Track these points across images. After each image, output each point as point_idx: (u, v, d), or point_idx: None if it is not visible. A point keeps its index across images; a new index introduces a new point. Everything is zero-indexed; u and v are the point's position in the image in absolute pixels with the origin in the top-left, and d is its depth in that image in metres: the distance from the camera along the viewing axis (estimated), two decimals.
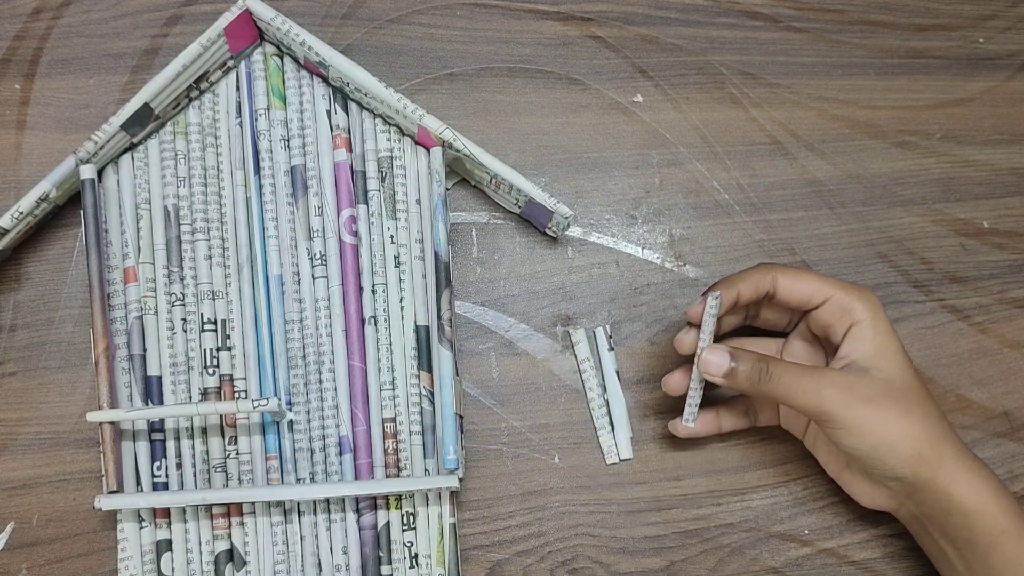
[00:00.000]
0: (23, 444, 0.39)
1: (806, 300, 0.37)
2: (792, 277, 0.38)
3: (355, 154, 0.41)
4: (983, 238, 0.47)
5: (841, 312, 0.37)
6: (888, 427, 0.35)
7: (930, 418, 0.36)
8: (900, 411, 0.35)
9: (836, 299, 0.37)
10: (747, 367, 0.35)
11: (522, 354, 0.42)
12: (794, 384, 0.35)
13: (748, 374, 0.35)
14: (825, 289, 0.37)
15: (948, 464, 0.35)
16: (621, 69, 0.46)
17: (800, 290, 0.37)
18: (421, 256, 0.41)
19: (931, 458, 0.35)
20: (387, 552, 0.39)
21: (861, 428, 0.35)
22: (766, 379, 0.35)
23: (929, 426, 0.35)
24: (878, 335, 0.36)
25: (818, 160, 0.46)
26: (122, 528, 0.38)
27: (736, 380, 0.36)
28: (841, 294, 0.37)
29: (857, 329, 0.36)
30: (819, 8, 0.48)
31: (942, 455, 0.35)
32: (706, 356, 0.36)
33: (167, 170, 0.40)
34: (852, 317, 0.37)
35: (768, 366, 0.35)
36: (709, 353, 0.36)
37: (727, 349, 0.36)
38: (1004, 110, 0.49)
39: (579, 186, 0.44)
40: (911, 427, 0.35)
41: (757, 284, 0.38)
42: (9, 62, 0.42)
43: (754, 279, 0.38)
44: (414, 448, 0.39)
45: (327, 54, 0.39)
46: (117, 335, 0.39)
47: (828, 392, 0.35)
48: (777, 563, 0.42)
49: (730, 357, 0.35)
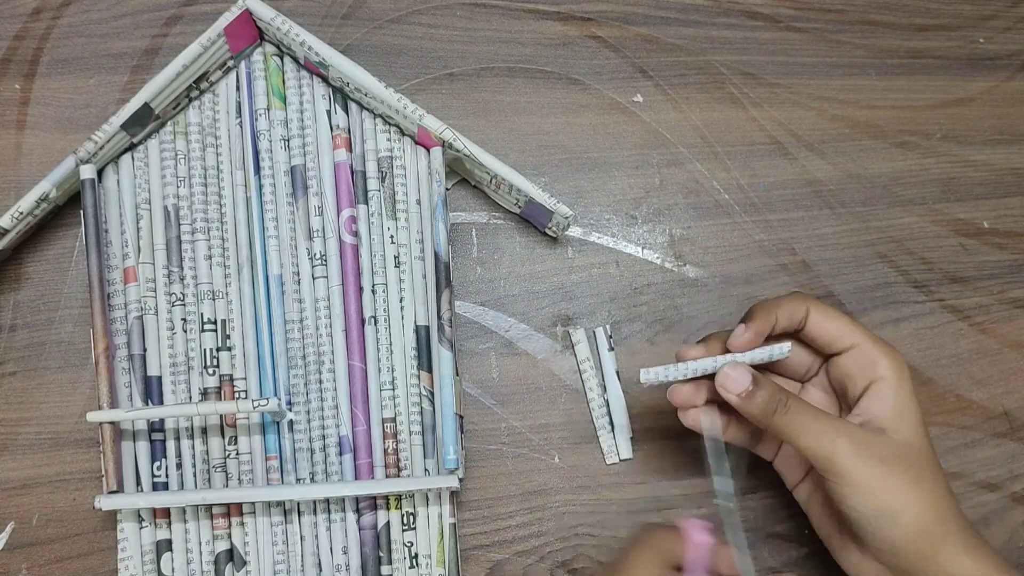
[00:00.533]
0: (23, 444, 0.39)
1: (833, 340, 0.36)
2: (824, 314, 0.36)
3: (355, 154, 0.41)
4: (983, 238, 0.47)
5: (865, 364, 0.35)
6: (897, 494, 0.32)
7: (939, 492, 0.33)
8: (912, 479, 0.33)
9: (863, 348, 0.35)
10: (765, 394, 0.33)
11: (522, 354, 0.42)
12: (809, 425, 0.33)
13: (765, 401, 0.33)
14: (855, 335, 0.35)
15: (952, 541, 0.33)
16: (621, 69, 0.46)
17: (830, 328, 0.35)
18: (421, 256, 0.41)
19: (936, 534, 0.33)
20: (387, 552, 0.39)
21: (870, 488, 0.32)
22: (782, 410, 0.33)
23: (937, 499, 0.33)
24: (900, 396, 0.34)
25: (818, 160, 0.46)
26: (122, 528, 0.38)
27: (751, 404, 0.34)
28: (869, 345, 0.35)
29: (880, 385, 0.34)
30: (819, 8, 0.48)
31: (947, 532, 0.33)
32: (728, 371, 0.34)
33: (167, 170, 0.40)
34: (876, 372, 0.35)
35: (788, 399, 0.33)
36: (732, 369, 0.34)
37: (750, 370, 0.34)
38: (1004, 110, 0.49)
39: (579, 186, 0.44)
40: (920, 498, 0.33)
41: (793, 312, 0.36)
42: (9, 62, 0.42)
43: (791, 306, 0.36)
44: (414, 448, 0.39)
45: (327, 54, 0.39)
46: (117, 335, 0.39)
47: (843, 442, 0.32)
48: (777, 563, 0.42)
49: (752, 379, 0.34)
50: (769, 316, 0.35)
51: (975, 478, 0.44)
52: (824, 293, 0.45)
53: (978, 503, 0.44)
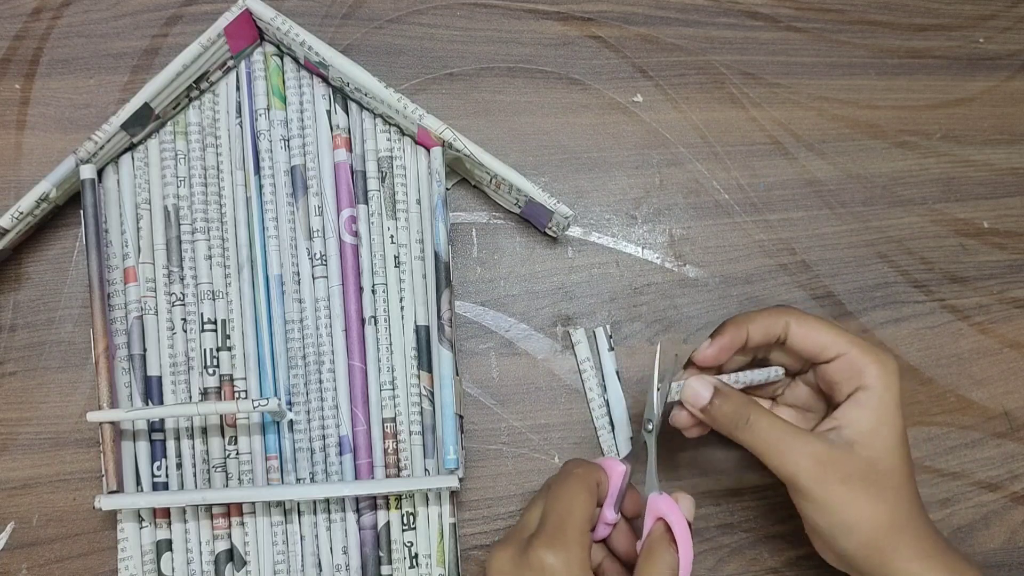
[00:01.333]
0: (23, 444, 0.39)
1: (818, 352, 0.35)
2: (807, 326, 0.35)
3: (355, 154, 0.41)
4: (983, 238, 0.47)
5: (852, 372, 0.35)
6: (853, 510, 0.33)
7: (900, 506, 0.34)
8: (872, 495, 0.33)
9: (850, 357, 0.35)
10: (728, 408, 0.34)
11: (522, 354, 0.42)
12: (772, 442, 0.34)
13: (728, 415, 0.34)
14: (841, 344, 0.35)
15: (903, 553, 0.33)
16: (621, 69, 0.46)
17: (813, 341, 0.35)
18: (421, 256, 0.41)
19: (885, 546, 0.33)
20: (387, 552, 0.39)
21: (828, 507, 0.33)
22: (743, 426, 0.34)
23: (895, 515, 0.34)
24: (882, 408, 0.34)
25: (818, 160, 0.46)
26: (122, 528, 0.38)
27: (713, 417, 0.34)
28: (857, 353, 0.35)
29: (863, 394, 0.34)
30: (819, 8, 0.48)
31: (898, 544, 0.34)
32: (691, 383, 0.35)
33: (167, 170, 0.40)
34: (861, 380, 0.35)
35: (750, 414, 0.34)
36: (695, 381, 0.35)
37: (713, 382, 0.35)
38: (1004, 110, 0.49)
39: (579, 186, 0.44)
40: (876, 513, 0.33)
41: (768, 329, 0.36)
42: (9, 62, 0.42)
43: (766, 323, 0.36)
44: (414, 448, 0.39)
45: (327, 54, 0.39)
46: (117, 335, 0.39)
47: (804, 464, 0.33)
48: (777, 563, 0.42)
49: (713, 391, 0.34)
50: (739, 331, 0.36)
51: (975, 478, 0.44)
52: (824, 293, 0.45)
53: (978, 503, 0.44)
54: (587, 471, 0.35)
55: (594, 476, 0.35)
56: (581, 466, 0.35)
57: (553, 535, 0.32)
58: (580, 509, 0.33)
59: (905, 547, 0.34)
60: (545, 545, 0.32)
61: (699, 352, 0.36)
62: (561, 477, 0.35)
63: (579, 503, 0.33)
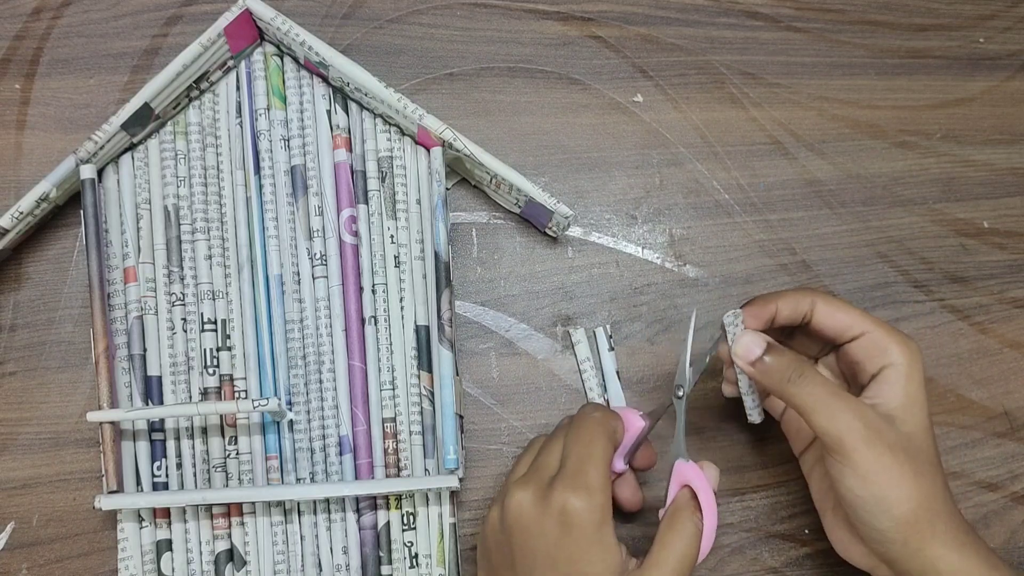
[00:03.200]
0: (23, 444, 0.39)
1: (842, 331, 0.35)
2: (833, 306, 0.35)
3: (355, 154, 0.41)
4: (983, 238, 0.47)
5: (876, 351, 0.34)
6: (896, 484, 0.32)
7: (936, 486, 0.33)
8: (913, 471, 0.32)
9: (874, 336, 0.34)
10: (781, 361, 0.33)
11: (522, 354, 0.42)
12: (823, 400, 0.32)
13: (780, 368, 0.33)
14: (865, 323, 0.35)
15: (941, 537, 0.33)
16: (621, 69, 0.46)
17: (838, 320, 0.35)
18: (421, 256, 0.41)
19: (925, 528, 0.33)
20: (387, 552, 0.39)
21: (871, 473, 0.32)
22: (796, 380, 0.33)
23: (933, 494, 0.33)
24: (911, 385, 0.34)
25: (818, 160, 0.46)
26: (122, 528, 0.38)
27: (764, 371, 0.34)
28: (881, 332, 0.34)
29: (891, 371, 0.34)
30: (819, 8, 0.48)
31: (937, 527, 0.33)
32: (742, 338, 0.34)
33: (167, 170, 0.40)
34: (887, 358, 0.34)
35: (804, 370, 0.33)
36: (748, 335, 0.34)
37: (765, 338, 0.34)
38: (1004, 110, 0.49)
39: (579, 186, 0.44)
40: (918, 490, 0.32)
41: (796, 305, 0.35)
42: (9, 62, 0.42)
43: (794, 299, 0.35)
44: (414, 448, 0.39)
45: (327, 54, 0.39)
46: (117, 335, 0.39)
47: (856, 426, 0.32)
48: (777, 563, 0.42)
49: (765, 346, 0.34)
50: (768, 305, 0.35)
51: (975, 478, 0.44)
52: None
53: (978, 503, 0.44)
54: (605, 416, 0.35)
55: (612, 422, 0.35)
56: (599, 410, 0.35)
57: (575, 478, 0.33)
58: (601, 452, 0.33)
59: (942, 531, 0.33)
60: (569, 488, 0.32)
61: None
62: (580, 420, 0.35)
63: (599, 447, 0.34)
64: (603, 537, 0.32)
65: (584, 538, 0.32)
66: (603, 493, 0.33)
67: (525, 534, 0.33)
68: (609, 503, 0.33)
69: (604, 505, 0.33)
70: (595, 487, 0.32)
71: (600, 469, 0.33)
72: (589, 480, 0.33)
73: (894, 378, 0.34)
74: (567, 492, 0.32)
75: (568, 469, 0.33)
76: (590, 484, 0.32)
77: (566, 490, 0.32)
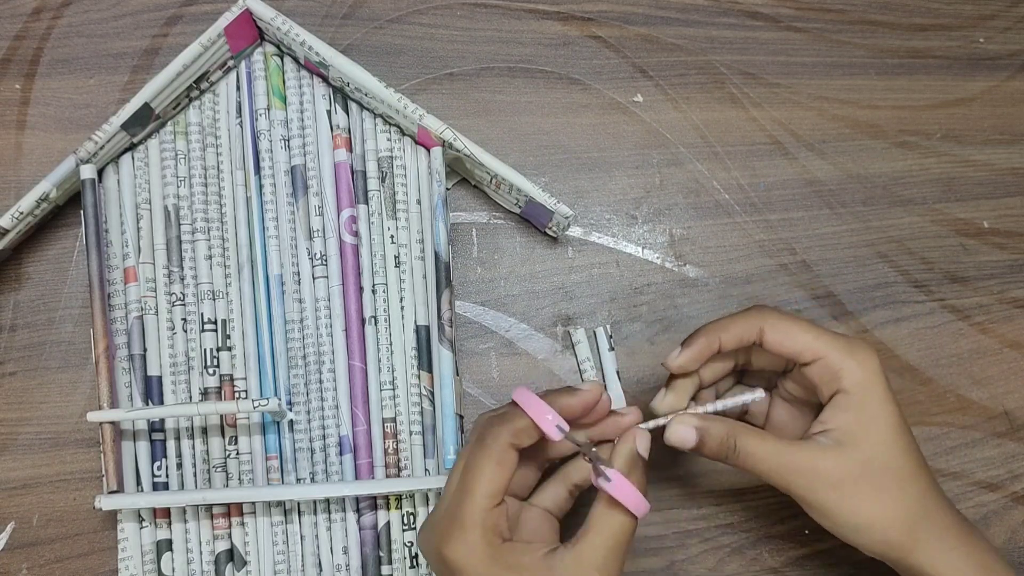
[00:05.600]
0: (23, 444, 0.39)
1: (794, 356, 0.35)
2: (781, 331, 0.34)
3: (355, 154, 0.41)
4: (983, 238, 0.47)
5: (829, 376, 0.34)
6: (855, 512, 0.33)
7: (908, 498, 0.33)
8: (871, 495, 0.33)
9: (826, 361, 0.34)
10: (713, 443, 0.34)
11: (522, 354, 0.42)
12: (762, 463, 0.33)
13: (714, 449, 0.34)
14: (816, 348, 0.34)
15: (924, 546, 0.33)
16: (621, 69, 0.46)
17: (788, 346, 0.34)
18: (421, 256, 0.41)
19: (904, 543, 0.33)
20: (387, 552, 0.39)
21: (827, 512, 0.33)
22: (733, 455, 0.34)
23: (904, 508, 0.33)
24: (865, 406, 0.33)
25: (818, 160, 0.46)
26: (122, 528, 0.38)
27: (703, 452, 0.34)
28: (833, 356, 0.34)
29: (842, 397, 0.34)
30: (819, 8, 0.48)
31: (917, 539, 0.33)
32: (673, 428, 0.34)
33: (167, 170, 0.40)
34: (839, 383, 0.34)
35: (736, 441, 0.33)
36: (677, 424, 0.34)
37: (694, 423, 0.34)
38: (1004, 110, 0.49)
39: (579, 186, 0.44)
40: (882, 511, 0.33)
41: (741, 335, 0.35)
42: (9, 62, 0.42)
43: (739, 329, 0.35)
44: (414, 448, 0.39)
45: (327, 54, 0.39)
46: (117, 335, 0.39)
47: (792, 477, 0.33)
48: (777, 563, 0.42)
49: (696, 433, 0.34)
50: (711, 340, 0.35)
51: (975, 478, 0.44)
52: (824, 293, 0.45)
53: (978, 503, 0.43)
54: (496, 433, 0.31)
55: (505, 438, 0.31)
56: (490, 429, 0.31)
57: (451, 521, 0.30)
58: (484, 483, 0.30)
59: (925, 541, 0.33)
60: (443, 536, 0.30)
61: (669, 360, 0.35)
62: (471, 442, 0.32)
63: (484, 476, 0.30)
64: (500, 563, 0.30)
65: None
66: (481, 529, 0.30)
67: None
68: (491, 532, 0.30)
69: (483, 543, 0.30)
70: (469, 526, 0.30)
71: (477, 502, 0.30)
72: (463, 519, 0.30)
73: (845, 404, 0.34)
74: (441, 540, 0.30)
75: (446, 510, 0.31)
76: (463, 524, 0.30)
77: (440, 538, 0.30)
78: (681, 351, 0.35)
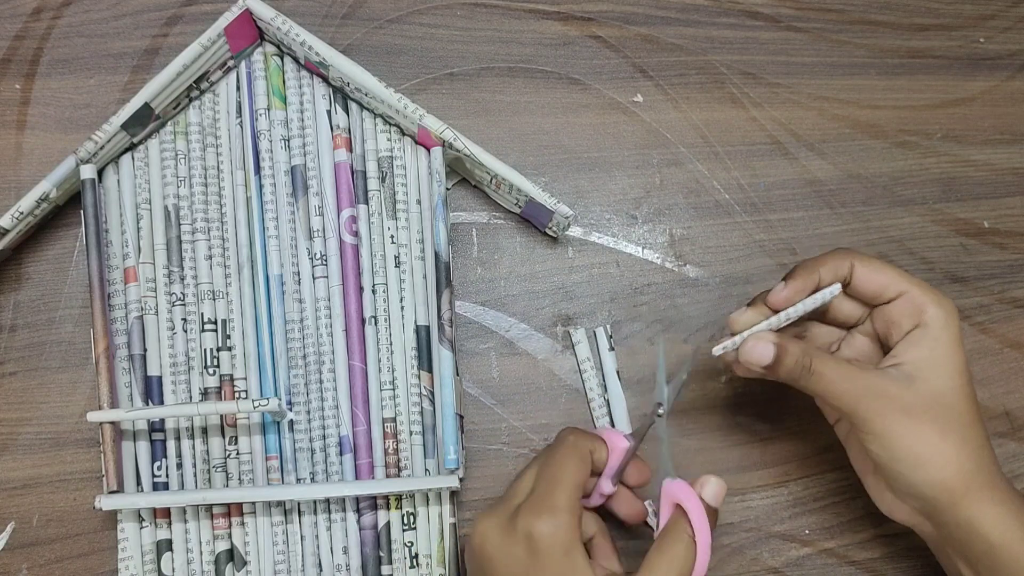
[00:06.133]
0: (23, 444, 0.39)
1: (880, 291, 0.35)
2: (871, 266, 0.35)
3: (355, 154, 0.41)
4: (983, 238, 0.47)
5: (912, 310, 0.35)
6: (917, 444, 0.33)
7: (968, 444, 0.34)
8: (936, 430, 0.33)
9: (911, 296, 0.35)
10: (790, 361, 0.34)
11: (522, 354, 0.42)
12: (834, 384, 0.34)
13: (790, 368, 0.34)
14: (903, 283, 0.35)
15: (975, 495, 0.33)
16: (621, 69, 0.46)
17: (877, 280, 0.35)
18: (421, 256, 0.41)
19: (956, 486, 0.33)
20: (387, 552, 0.39)
21: (889, 438, 0.33)
22: (807, 375, 0.34)
23: (964, 453, 0.34)
24: (940, 344, 0.34)
25: (818, 160, 0.46)
26: (122, 528, 0.38)
27: (777, 373, 0.34)
28: (918, 292, 0.35)
29: (920, 331, 0.34)
30: (819, 8, 0.48)
31: (969, 486, 0.33)
32: (751, 344, 0.34)
33: (167, 170, 0.40)
34: (920, 318, 0.34)
35: (811, 362, 0.34)
36: (755, 341, 0.34)
37: (772, 339, 0.34)
38: (1004, 110, 0.49)
39: (579, 186, 0.44)
40: (942, 450, 0.33)
41: (836, 270, 0.36)
42: (9, 62, 0.42)
43: (833, 264, 0.36)
44: (414, 448, 0.39)
45: (327, 54, 0.39)
46: (117, 335, 0.39)
47: (864, 400, 0.33)
48: (777, 563, 0.42)
49: (774, 349, 0.34)
50: (811, 274, 0.36)
51: None
52: None
53: None
54: (579, 439, 0.35)
55: (586, 445, 0.35)
56: (574, 434, 0.35)
57: (542, 502, 0.32)
58: (570, 477, 0.33)
59: (978, 489, 0.34)
60: (533, 512, 0.32)
61: (773, 294, 0.36)
62: (553, 445, 0.35)
63: (569, 471, 0.33)
64: (573, 560, 0.32)
65: (553, 562, 0.32)
66: (569, 515, 0.32)
67: (492, 563, 0.33)
68: (576, 526, 0.32)
69: (570, 527, 0.32)
70: (561, 509, 0.32)
71: (568, 492, 0.33)
72: (556, 502, 0.32)
73: (921, 338, 0.34)
74: (531, 516, 0.32)
75: (535, 494, 0.33)
76: (556, 506, 0.32)
77: (530, 514, 0.32)
78: (786, 284, 0.36)
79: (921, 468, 0.34)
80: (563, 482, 0.33)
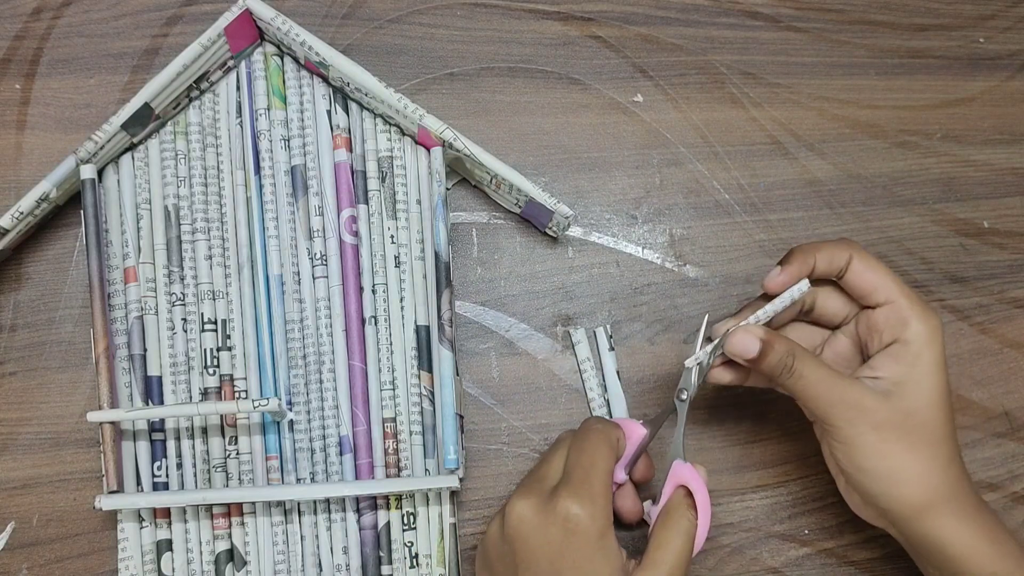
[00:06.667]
0: (23, 444, 0.39)
1: (869, 292, 0.35)
2: (867, 263, 0.35)
3: (355, 154, 0.41)
4: (983, 238, 0.47)
5: (895, 322, 0.35)
6: (883, 460, 0.34)
7: (936, 460, 0.34)
8: (904, 447, 0.34)
9: (897, 306, 0.35)
10: (774, 357, 0.34)
11: (522, 354, 0.42)
12: (812, 387, 0.34)
13: (773, 364, 0.34)
14: (892, 290, 0.35)
15: (938, 510, 0.34)
16: (621, 69, 0.46)
17: (869, 280, 0.35)
18: (421, 256, 0.41)
19: (918, 502, 0.34)
20: (387, 552, 0.39)
21: (856, 449, 0.34)
22: (787, 374, 0.34)
23: (931, 469, 0.34)
24: (920, 362, 0.34)
25: (818, 160, 0.46)
26: (122, 528, 0.38)
27: (759, 366, 0.35)
28: (905, 303, 0.34)
29: (900, 347, 0.34)
30: (819, 8, 0.48)
31: (933, 501, 0.34)
32: (738, 336, 0.35)
33: (167, 170, 0.40)
34: (901, 332, 0.34)
35: (794, 361, 0.34)
36: (742, 333, 0.35)
37: (759, 334, 0.34)
38: (1004, 110, 0.49)
39: (579, 186, 0.44)
40: (908, 466, 0.34)
41: (833, 259, 0.36)
42: (9, 62, 0.42)
43: (832, 253, 0.36)
44: (414, 448, 0.39)
45: (327, 54, 0.39)
46: (117, 335, 0.39)
47: (837, 408, 0.34)
48: (777, 563, 0.42)
49: (760, 344, 0.34)
50: (807, 259, 0.36)
51: (975, 478, 0.44)
52: None
53: None
54: (607, 427, 0.36)
55: (614, 432, 0.36)
56: (601, 422, 0.36)
57: (579, 486, 0.33)
58: (603, 462, 0.34)
59: (942, 507, 0.34)
60: (572, 496, 0.33)
61: (770, 279, 0.36)
62: (583, 431, 0.36)
63: (602, 456, 0.34)
64: (606, 544, 0.33)
65: (588, 545, 0.32)
66: (605, 500, 0.33)
67: (527, 543, 0.33)
68: (611, 511, 0.34)
69: (606, 513, 0.33)
70: (598, 495, 0.33)
71: (602, 478, 0.34)
72: (593, 488, 0.33)
73: (902, 354, 0.34)
74: (570, 500, 0.33)
75: (572, 478, 0.33)
76: (593, 492, 0.33)
77: (569, 498, 0.33)
78: (781, 269, 0.36)
79: (883, 482, 0.34)
80: (598, 467, 0.34)
